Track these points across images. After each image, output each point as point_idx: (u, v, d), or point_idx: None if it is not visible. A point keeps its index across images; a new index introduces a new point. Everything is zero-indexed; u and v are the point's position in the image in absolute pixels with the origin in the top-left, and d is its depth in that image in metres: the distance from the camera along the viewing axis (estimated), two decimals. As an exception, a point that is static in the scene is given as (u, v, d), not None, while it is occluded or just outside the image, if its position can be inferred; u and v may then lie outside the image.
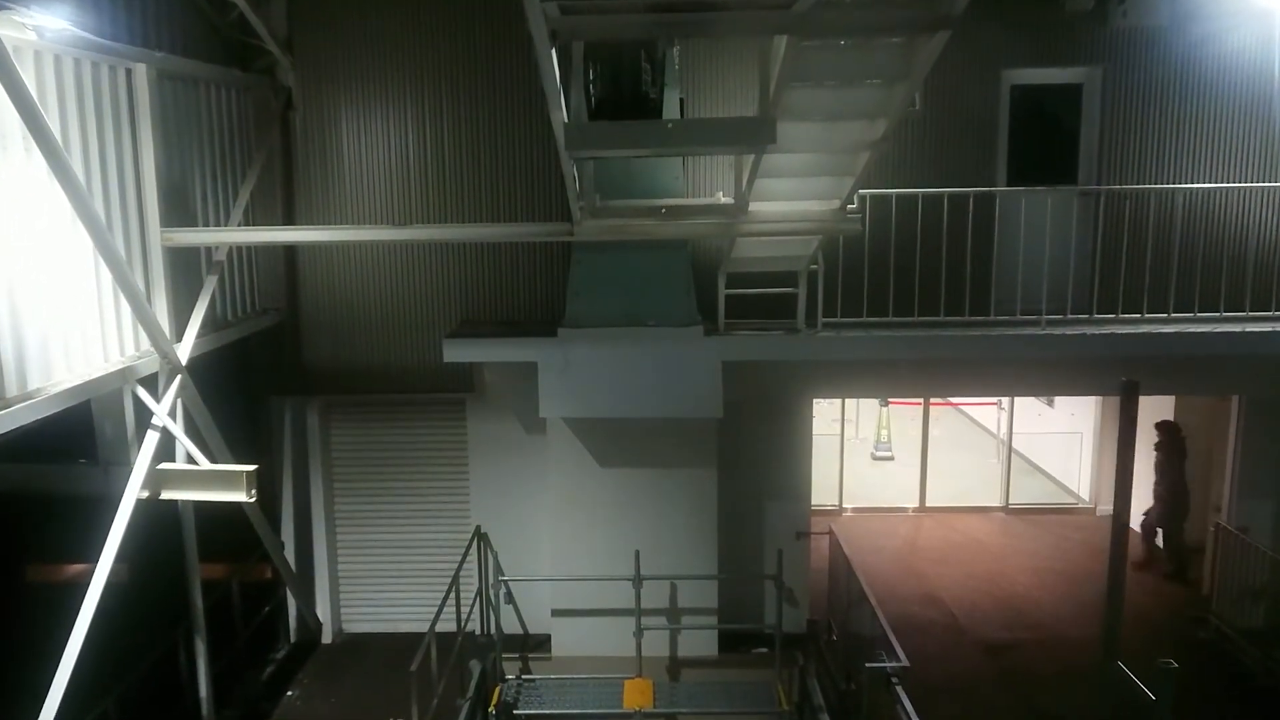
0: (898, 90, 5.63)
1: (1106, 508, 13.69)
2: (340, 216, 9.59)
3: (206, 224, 8.42)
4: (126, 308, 6.94)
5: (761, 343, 8.52)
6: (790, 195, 7.30)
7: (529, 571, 9.93)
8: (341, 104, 9.46)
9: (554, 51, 4.93)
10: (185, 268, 8.01)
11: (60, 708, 5.80)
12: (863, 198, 7.95)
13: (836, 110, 5.97)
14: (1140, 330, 8.58)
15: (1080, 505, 14.06)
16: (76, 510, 7.06)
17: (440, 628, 8.18)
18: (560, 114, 5.39)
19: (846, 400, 15.79)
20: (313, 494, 10.28)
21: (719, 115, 9.06)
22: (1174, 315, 8.75)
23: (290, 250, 9.69)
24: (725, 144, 5.65)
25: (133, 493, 6.63)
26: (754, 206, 7.26)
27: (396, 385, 9.88)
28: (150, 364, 7.18)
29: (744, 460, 9.80)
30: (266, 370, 9.99)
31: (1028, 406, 14.96)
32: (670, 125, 5.80)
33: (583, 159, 6.70)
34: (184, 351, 7.52)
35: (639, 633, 9.12)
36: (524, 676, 9.55)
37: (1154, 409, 11.53)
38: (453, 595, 8.72)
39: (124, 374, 6.85)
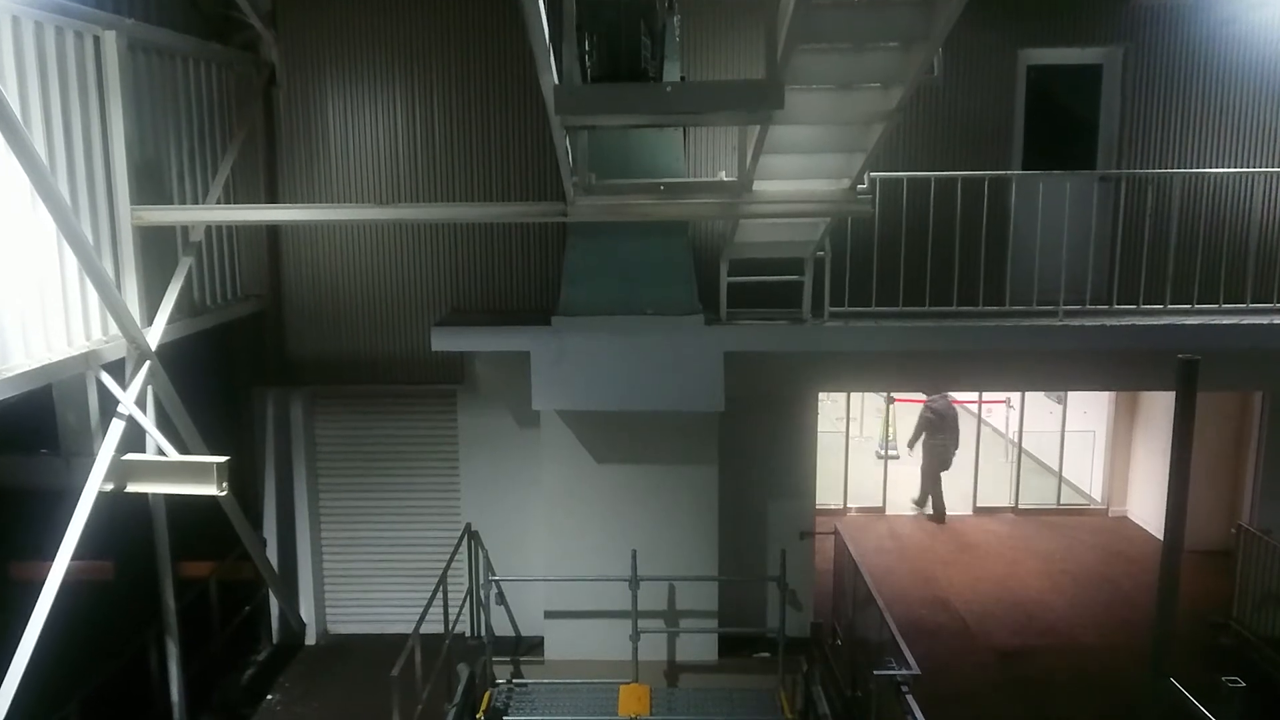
0: (915, 53, 5.23)
1: (1119, 509, 13.39)
2: (325, 197, 9.26)
3: (183, 204, 8.04)
4: (92, 289, 6.54)
5: (765, 333, 8.17)
6: (797, 173, 6.92)
7: (521, 571, 9.58)
8: (327, 81, 9.12)
9: (542, 5, 4.53)
10: (159, 249, 7.62)
11: (9, 712, 5.41)
12: (873, 181, 7.59)
13: (848, 76, 5.59)
14: (1162, 322, 8.18)
15: (1092, 506, 13.68)
16: (36, 503, 6.69)
17: (427, 629, 7.84)
18: (550, 75, 5.01)
19: (850, 398, 15.47)
20: (296, 489, 9.92)
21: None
22: (1198, 306, 8.37)
23: (274, 235, 9.35)
24: (729, 108, 5.26)
25: (95, 485, 6.23)
26: (759, 185, 6.88)
27: (384, 376, 9.56)
28: (117, 349, 6.78)
29: (746, 456, 9.45)
30: (248, 359, 9.64)
31: (1037, 404, 14.58)
32: (670, 89, 5.39)
33: (575, 127, 6.31)
34: (154, 337, 7.12)
35: (635, 636, 8.78)
36: (515, 681, 9.23)
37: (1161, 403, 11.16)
38: (440, 595, 8.38)
39: (87, 358, 6.44)
